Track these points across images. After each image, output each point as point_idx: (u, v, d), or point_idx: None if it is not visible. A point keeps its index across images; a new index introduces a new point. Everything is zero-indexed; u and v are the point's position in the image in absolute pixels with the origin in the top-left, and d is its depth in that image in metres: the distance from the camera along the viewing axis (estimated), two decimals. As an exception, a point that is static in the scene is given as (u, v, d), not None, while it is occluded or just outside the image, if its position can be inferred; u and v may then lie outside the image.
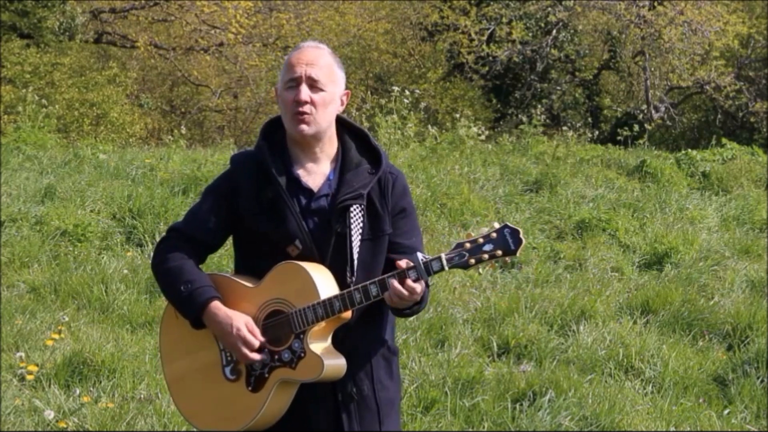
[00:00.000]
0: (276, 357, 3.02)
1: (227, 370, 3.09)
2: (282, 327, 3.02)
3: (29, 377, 5.43)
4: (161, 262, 3.13)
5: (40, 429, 4.96)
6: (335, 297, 2.98)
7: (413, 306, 3.04)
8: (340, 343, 3.06)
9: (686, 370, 6.19)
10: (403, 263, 2.96)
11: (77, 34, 18.65)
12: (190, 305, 3.06)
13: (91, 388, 5.41)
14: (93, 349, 5.69)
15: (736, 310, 7.05)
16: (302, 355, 2.99)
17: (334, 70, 3.12)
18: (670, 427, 5.48)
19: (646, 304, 7.21)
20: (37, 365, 5.54)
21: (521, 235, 2.93)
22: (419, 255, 2.95)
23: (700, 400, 5.87)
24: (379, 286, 2.96)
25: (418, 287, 2.95)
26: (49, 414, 4.95)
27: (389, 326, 3.22)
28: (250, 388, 3.05)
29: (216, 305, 3.04)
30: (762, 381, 6.07)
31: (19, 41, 17.47)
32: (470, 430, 5.29)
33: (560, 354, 6.28)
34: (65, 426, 4.97)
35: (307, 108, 3.05)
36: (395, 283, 2.94)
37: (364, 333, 3.13)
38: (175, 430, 5.02)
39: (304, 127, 3.06)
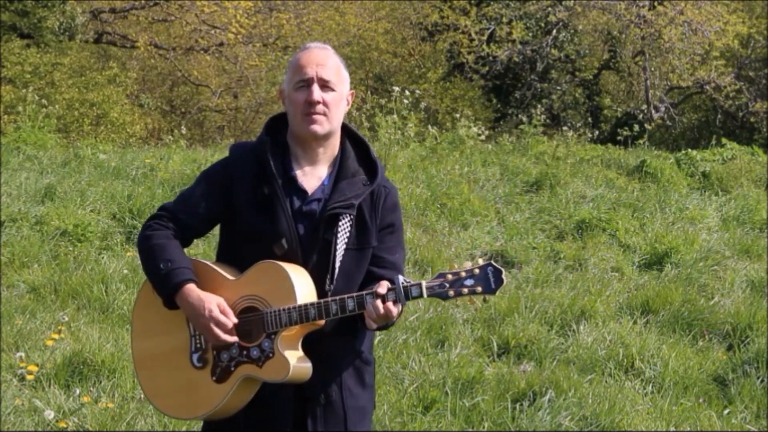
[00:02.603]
0: (244, 352, 3.04)
1: (195, 357, 3.11)
2: (255, 324, 3.04)
3: (29, 377, 5.43)
4: (146, 238, 3.14)
5: (40, 429, 4.95)
6: (312, 304, 2.99)
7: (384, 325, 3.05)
8: (311, 347, 3.06)
9: (686, 370, 6.19)
10: (383, 287, 2.96)
11: (77, 34, 18.65)
12: (165, 284, 3.06)
13: (91, 388, 5.41)
14: (93, 349, 5.69)
15: (736, 310, 7.06)
16: (271, 355, 3.01)
17: (342, 70, 3.16)
18: (670, 427, 5.48)
19: (646, 304, 7.21)
20: (37, 365, 5.54)
21: (503, 276, 2.95)
22: (401, 278, 2.96)
23: (700, 400, 5.87)
24: (356, 302, 2.98)
25: (395, 310, 2.96)
26: (49, 414, 4.95)
27: (365, 337, 3.22)
28: (214, 378, 3.07)
29: (190, 287, 3.05)
30: (762, 381, 6.08)
31: (19, 41, 17.46)
32: (470, 430, 5.29)
33: (560, 354, 6.28)
34: (65, 426, 4.97)
35: (320, 108, 3.07)
36: (375, 302, 2.95)
37: (337, 341, 3.14)
38: (175, 430, 5.02)
39: (316, 127, 3.08)
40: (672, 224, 9.62)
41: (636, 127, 15.47)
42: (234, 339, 3.02)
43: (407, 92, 12.50)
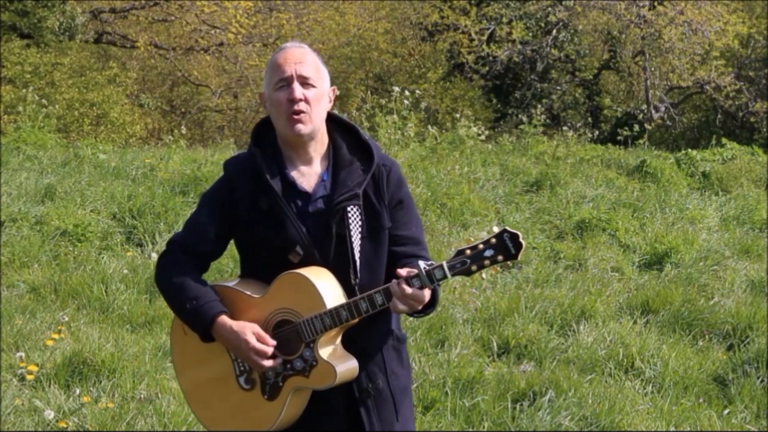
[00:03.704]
0: (288, 366, 3.04)
1: (241, 380, 3.11)
2: (292, 336, 3.03)
3: (29, 377, 5.43)
4: (164, 279, 3.14)
5: (40, 429, 4.95)
6: (342, 306, 2.98)
7: (419, 311, 3.03)
8: (350, 342, 3.08)
9: (686, 370, 6.19)
10: (404, 272, 2.94)
11: (77, 34, 18.65)
12: (197, 322, 3.07)
13: (91, 388, 5.41)
14: (93, 349, 5.69)
15: (736, 310, 7.05)
16: (314, 363, 3.01)
17: (320, 67, 3.13)
18: (670, 427, 5.48)
19: (646, 304, 7.21)
20: (37, 365, 5.54)
21: (521, 239, 2.93)
22: (421, 263, 2.94)
23: (700, 400, 5.87)
24: (384, 295, 2.97)
25: (422, 294, 2.93)
26: (49, 414, 4.95)
27: (395, 316, 3.21)
28: (266, 397, 3.07)
29: (223, 320, 3.04)
30: (762, 381, 6.07)
31: (19, 41, 17.46)
32: (470, 430, 5.29)
33: (560, 354, 6.28)
34: (65, 426, 4.97)
35: (302, 106, 3.04)
36: (401, 286, 2.92)
37: (373, 328, 3.13)
38: (175, 430, 5.02)
39: (300, 127, 3.05)
40: (672, 224, 9.63)
41: (636, 127, 15.49)
42: (276, 363, 3.02)
43: (407, 92, 12.50)
